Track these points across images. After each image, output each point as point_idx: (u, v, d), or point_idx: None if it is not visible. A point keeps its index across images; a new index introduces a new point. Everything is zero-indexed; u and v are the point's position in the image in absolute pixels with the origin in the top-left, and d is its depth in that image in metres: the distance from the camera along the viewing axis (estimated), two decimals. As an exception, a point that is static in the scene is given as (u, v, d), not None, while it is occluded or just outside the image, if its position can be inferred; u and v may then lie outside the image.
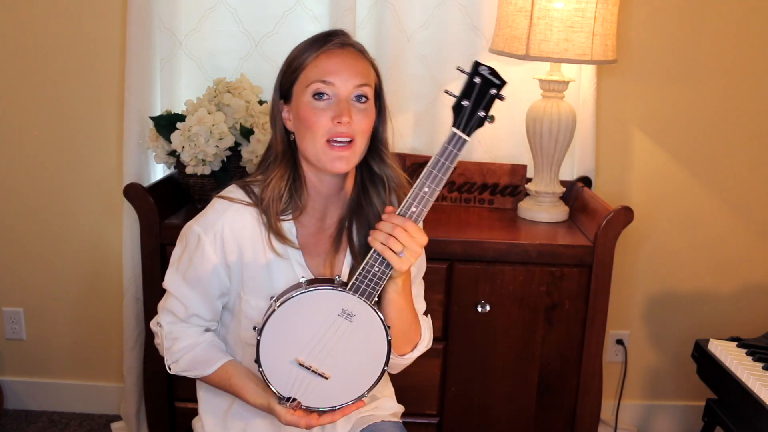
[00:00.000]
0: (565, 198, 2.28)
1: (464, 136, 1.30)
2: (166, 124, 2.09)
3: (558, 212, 2.20)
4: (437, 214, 2.24)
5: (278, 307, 1.34)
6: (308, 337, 1.36)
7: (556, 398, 2.09)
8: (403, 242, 1.31)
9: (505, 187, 2.31)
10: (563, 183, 2.28)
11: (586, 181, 2.35)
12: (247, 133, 2.06)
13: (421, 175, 1.31)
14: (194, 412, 1.65)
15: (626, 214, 1.97)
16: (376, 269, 1.34)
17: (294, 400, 1.38)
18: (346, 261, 1.50)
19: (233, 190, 1.48)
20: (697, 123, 2.44)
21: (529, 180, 2.29)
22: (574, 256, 2.00)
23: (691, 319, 2.57)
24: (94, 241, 2.50)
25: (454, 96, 1.30)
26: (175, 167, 2.16)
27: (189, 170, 2.05)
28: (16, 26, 2.35)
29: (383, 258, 1.32)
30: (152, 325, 1.57)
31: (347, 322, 1.36)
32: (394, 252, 1.31)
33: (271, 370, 1.37)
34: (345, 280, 1.41)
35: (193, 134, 2.01)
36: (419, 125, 2.38)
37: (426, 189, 1.31)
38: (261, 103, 2.15)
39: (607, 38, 2.00)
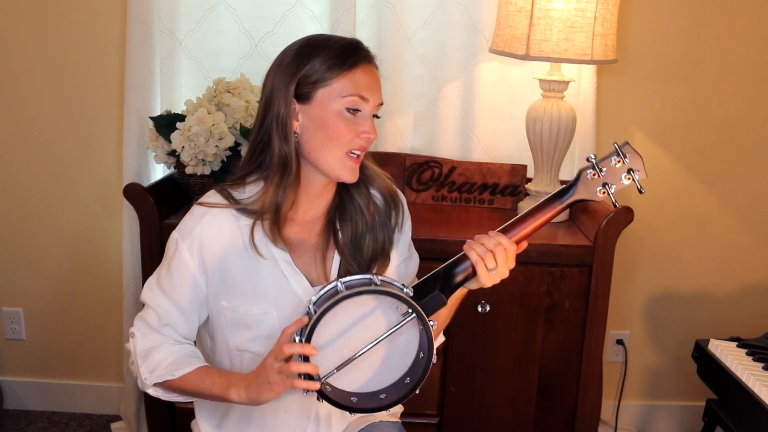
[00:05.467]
0: (565, 198, 2.28)
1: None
2: (166, 124, 2.09)
3: (558, 212, 2.19)
4: (437, 214, 2.24)
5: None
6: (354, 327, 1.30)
7: (556, 398, 2.09)
8: (499, 263, 1.35)
9: (505, 187, 2.31)
10: (563, 183, 2.27)
11: (586, 181, 2.34)
12: (247, 133, 2.06)
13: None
14: (194, 413, 1.64)
15: (626, 214, 1.97)
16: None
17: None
18: (335, 258, 1.48)
19: (212, 195, 1.46)
20: (697, 123, 2.43)
21: (529, 180, 2.28)
22: (574, 256, 1.99)
23: (691, 319, 2.57)
24: (94, 241, 2.50)
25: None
26: (174, 167, 2.16)
27: (189, 170, 2.05)
28: (17, 26, 2.35)
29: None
30: (126, 345, 1.51)
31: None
32: (486, 267, 1.35)
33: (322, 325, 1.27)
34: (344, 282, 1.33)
35: (193, 134, 2.01)
36: (419, 125, 2.38)
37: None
38: (261, 103, 2.14)
39: (607, 38, 2.00)
